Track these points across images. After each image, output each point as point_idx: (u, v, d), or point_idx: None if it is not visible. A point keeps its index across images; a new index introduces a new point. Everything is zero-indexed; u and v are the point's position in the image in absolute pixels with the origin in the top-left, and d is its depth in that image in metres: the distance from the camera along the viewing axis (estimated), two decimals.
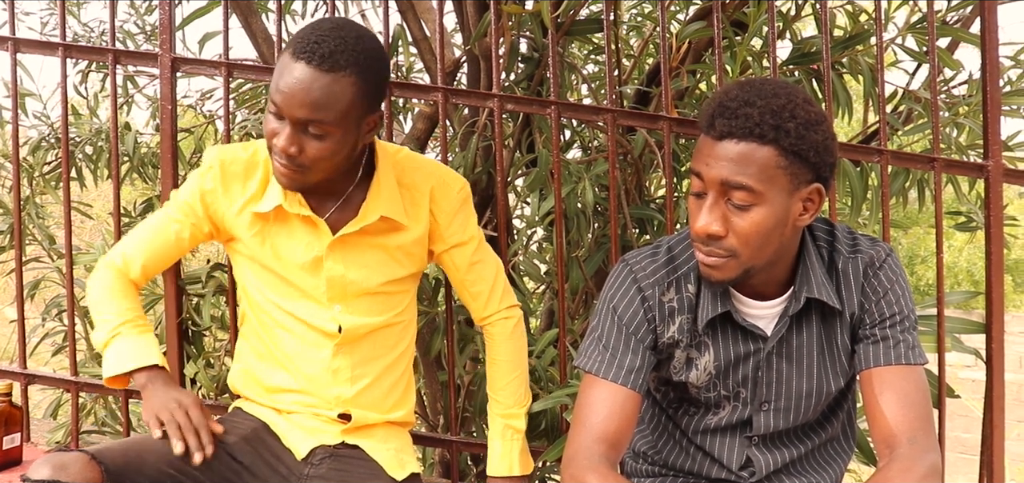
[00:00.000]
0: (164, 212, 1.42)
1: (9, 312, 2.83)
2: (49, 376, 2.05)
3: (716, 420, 1.29)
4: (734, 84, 1.12)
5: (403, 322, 1.46)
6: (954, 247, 9.13)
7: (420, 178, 1.42)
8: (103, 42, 2.77)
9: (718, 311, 1.21)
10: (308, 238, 1.35)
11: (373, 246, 1.38)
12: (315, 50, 1.20)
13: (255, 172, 1.37)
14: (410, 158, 1.43)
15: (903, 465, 1.11)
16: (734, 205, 1.10)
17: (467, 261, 1.47)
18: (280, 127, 1.24)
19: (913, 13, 2.24)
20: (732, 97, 1.09)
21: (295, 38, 1.23)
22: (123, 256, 1.41)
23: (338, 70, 1.21)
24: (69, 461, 1.13)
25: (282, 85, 1.21)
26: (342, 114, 1.23)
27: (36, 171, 2.69)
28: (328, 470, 1.36)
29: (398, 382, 1.47)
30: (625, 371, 1.22)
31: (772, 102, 1.07)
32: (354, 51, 1.22)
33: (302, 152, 1.24)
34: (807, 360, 1.24)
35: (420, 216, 1.41)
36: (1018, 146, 2.31)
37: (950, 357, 1.79)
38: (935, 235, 1.82)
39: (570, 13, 2.00)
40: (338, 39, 1.22)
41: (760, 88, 1.10)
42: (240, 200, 1.36)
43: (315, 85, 1.20)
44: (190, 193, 1.39)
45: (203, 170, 1.38)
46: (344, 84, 1.22)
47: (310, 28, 1.24)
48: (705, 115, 1.11)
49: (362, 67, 1.23)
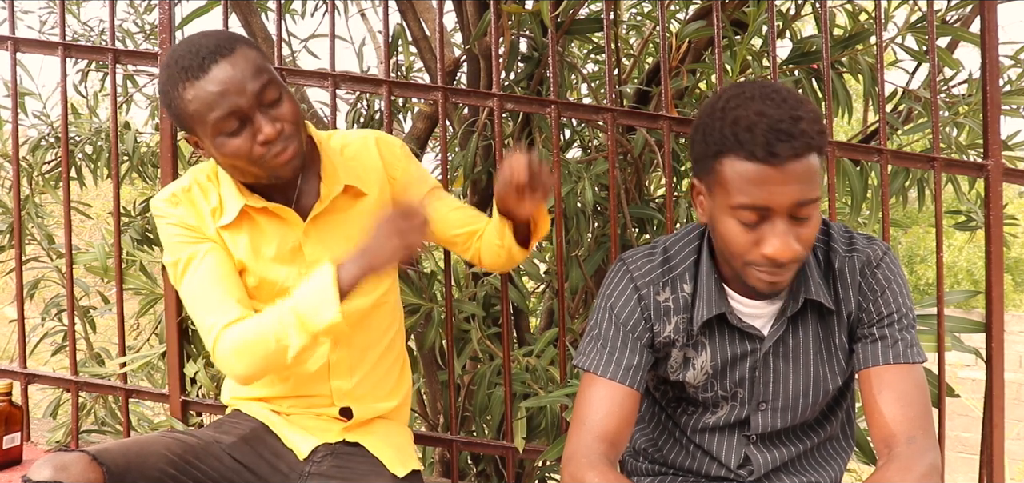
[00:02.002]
0: (194, 264, 1.32)
1: (9, 312, 2.83)
2: (49, 376, 2.05)
3: (714, 419, 1.29)
4: (756, 101, 1.06)
5: (389, 302, 1.47)
6: (954, 246, 9.13)
7: (360, 144, 1.44)
8: (103, 41, 2.77)
9: (714, 313, 1.21)
10: (281, 232, 1.35)
11: (344, 222, 1.39)
12: (209, 51, 1.22)
13: (208, 189, 1.36)
14: (343, 135, 1.46)
15: (902, 464, 1.11)
16: (798, 218, 1.09)
17: (447, 206, 1.48)
18: (251, 128, 1.23)
19: (913, 12, 2.24)
20: (777, 117, 1.04)
21: (180, 68, 1.22)
22: (227, 318, 1.28)
23: (236, 47, 1.24)
24: (70, 462, 1.12)
25: (220, 92, 1.21)
26: (270, 70, 1.26)
27: (35, 171, 2.69)
28: (329, 468, 1.36)
29: (393, 367, 1.48)
30: (623, 369, 1.22)
31: (805, 107, 1.06)
32: (229, 35, 1.26)
33: (281, 121, 1.25)
34: (804, 360, 1.24)
35: (375, 177, 1.43)
36: (1018, 145, 2.31)
37: (950, 356, 1.79)
38: (935, 234, 1.82)
39: (570, 12, 2.00)
40: (212, 37, 1.25)
41: (781, 97, 1.06)
42: (207, 215, 1.34)
43: (238, 66, 1.22)
44: (179, 235, 1.33)
45: (167, 212, 1.33)
46: (248, 51, 1.25)
47: (180, 51, 1.24)
48: (757, 145, 1.04)
49: (243, 39, 1.27)
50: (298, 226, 1.35)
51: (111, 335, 2.82)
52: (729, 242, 1.11)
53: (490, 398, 1.90)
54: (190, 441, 1.29)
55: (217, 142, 1.24)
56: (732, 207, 1.08)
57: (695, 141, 1.13)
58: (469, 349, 2.00)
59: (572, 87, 2.55)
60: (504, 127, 2.25)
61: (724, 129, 1.06)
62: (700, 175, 1.14)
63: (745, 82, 1.11)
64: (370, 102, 2.59)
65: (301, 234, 1.36)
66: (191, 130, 1.26)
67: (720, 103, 1.09)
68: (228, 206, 1.34)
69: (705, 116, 1.11)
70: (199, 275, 1.31)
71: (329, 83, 1.80)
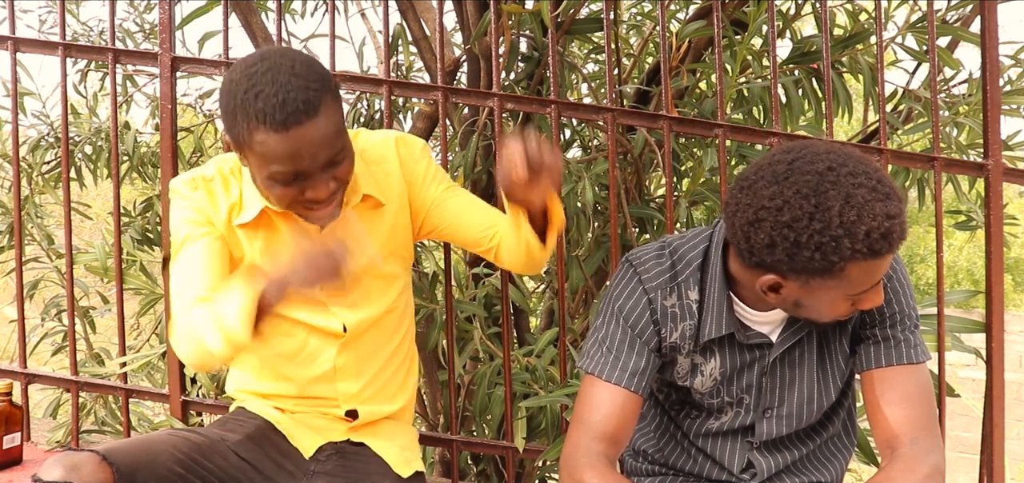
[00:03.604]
0: (190, 244, 1.31)
1: (9, 312, 2.83)
2: (49, 375, 2.05)
3: (718, 425, 1.29)
4: (875, 202, 1.01)
5: (400, 308, 1.46)
6: (954, 246, 9.14)
7: (381, 148, 1.41)
8: (103, 41, 2.77)
9: (723, 332, 1.20)
10: (297, 236, 1.34)
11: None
12: (294, 108, 1.15)
13: (230, 183, 1.34)
14: (367, 136, 1.42)
15: (905, 465, 1.10)
16: None
17: (464, 200, 1.44)
18: (305, 183, 1.20)
19: (913, 12, 2.24)
20: (898, 211, 1.03)
21: (257, 108, 1.14)
22: (197, 294, 1.25)
23: (321, 107, 1.17)
24: (81, 462, 1.12)
25: (292, 153, 1.16)
26: (345, 134, 1.23)
27: (35, 171, 2.69)
28: (334, 467, 1.36)
29: (400, 369, 1.47)
30: (629, 373, 1.21)
31: (890, 182, 1.07)
32: (318, 77, 1.19)
33: (336, 181, 1.23)
34: (809, 366, 1.24)
35: (395, 185, 1.40)
36: (1018, 145, 2.31)
37: (950, 356, 1.79)
38: (935, 234, 1.82)
39: (570, 12, 2.00)
40: (301, 85, 1.16)
41: (880, 181, 1.03)
42: (225, 209, 1.33)
43: (318, 131, 1.17)
44: (187, 216, 1.32)
45: (185, 194, 1.33)
46: (333, 112, 1.20)
47: (265, 87, 1.15)
48: (894, 245, 1.03)
49: (327, 82, 1.21)
50: (313, 233, 1.34)
51: (111, 335, 2.82)
52: (834, 314, 1.12)
53: (490, 398, 1.90)
54: (197, 439, 1.29)
55: (264, 179, 1.20)
56: (851, 295, 1.08)
57: (797, 254, 1.03)
58: (469, 349, 2.00)
59: (572, 87, 2.55)
60: (504, 127, 2.25)
61: (855, 243, 1.00)
62: (796, 276, 1.06)
63: (826, 169, 1.03)
64: (370, 102, 2.59)
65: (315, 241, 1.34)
66: (241, 150, 1.21)
67: (833, 216, 1.01)
68: (248, 205, 1.32)
69: (807, 228, 1.01)
70: (189, 253, 1.30)
71: None
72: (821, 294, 1.08)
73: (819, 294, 1.08)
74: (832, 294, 1.07)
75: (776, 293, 1.11)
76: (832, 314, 1.12)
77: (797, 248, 1.02)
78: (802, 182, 1.02)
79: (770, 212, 1.03)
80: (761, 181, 1.05)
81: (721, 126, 1.75)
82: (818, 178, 1.02)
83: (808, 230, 1.01)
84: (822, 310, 1.11)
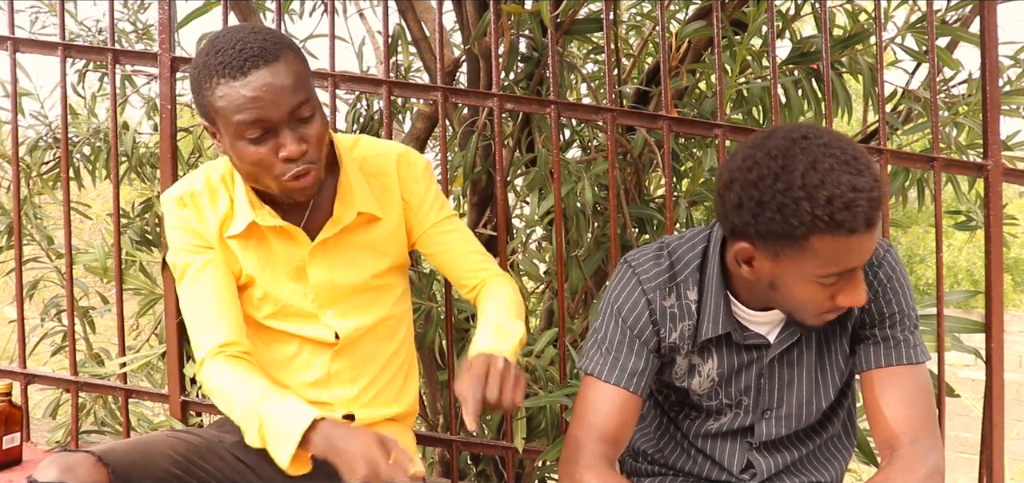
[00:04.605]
0: (192, 272, 1.31)
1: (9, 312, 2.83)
2: (49, 376, 2.05)
3: (717, 426, 1.28)
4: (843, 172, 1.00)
5: (396, 314, 1.44)
6: (954, 246, 9.13)
7: (382, 162, 1.38)
8: (102, 41, 2.77)
9: (720, 331, 1.20)
10: (288, 249, 1.33)
11: (353, 244, 1.36)
12: (252, 54, 1.16)
13: (218, 195, 1.33)
14: (369, 145, 1.40)
15: (905, 465, 1.10)
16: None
17: (458, 237, 1.43)
18: (275, 141, 1.19)
19: (913, 12, 2.24)
20: (869, 187, 1.00)
21: (217, 63, 1.17)
22: (215, 342, 1.28)
23: (281, 54, 1.18)
24: (76, 462, 1.11)
25: (253, 99, 1.16)
26: (310, 86, 1.22)
27: (33, 171, 2.69)
28: (332, 469, 1.36)
29: (398, 373, 1.46)
30: (628, 374, 1.21)
31: (869, 158, 1.04)
32: (278, 37, 1.21)
33: (307, 142, 1.21)
34: (808, 367, 1.24)
35: (393, 201, 1.38)
36: (1018, 145, 2.31)
37: (950, 357, 1.79)
38: (935, 234, 1.82)
39: (570, 12, 2.00)
40: (259, 37, 1.18)
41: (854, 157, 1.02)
42: (214, 223, 1.32)
43: (279, 76, 1.17)
44: (182, 240, 1.32)
45: (174, 213, 1.32)
46: (293, 61, 1.20)
47: (224, 44, 1.17)
48: (859, 222, 1.00)
49: (289, 43, 1.22)
50: (305, 246, 1.33)
51: (111, 335, 2.82)
52: (804, 302, 1.10)
53: None
54: (194, 440, 1.28)
55: (236, 144, 1.20)
56: (819, 276, 1.06)
57: (761, 215, 1.04)
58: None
59: (572, 87, 2.55)
60: (504, 127, 2.25)
61: (816, 210, 0.99)
62: (764, 245, 1.07)
63: (800, 142, 1.03)
64: (370, 102, 2.59)
65: (307, 255, 1.33)
66: (212, 122, 1.22)
67: (795, 178, 1.01)
68: (239, 215, 1.31)
69: (773, 190, 1.02)
70: (197, 289, 1.30)
71: (329, 83, 1.80)
72: (791, 270, 1.07)
73: (789, 270, 1.07)
74: (801, 271, 1.06)
75: (751, 267, 1.11)
76: (808, 301, 1.09)
77: (760, 208, 1.03)
78: (773, 146, 1.04)
79: (741, 172, 1.06)
80: (741, 149, 1.08)
81: (721, 126, 1.75)
82: (790, 143, 1.03)
83: (772, 190, 1.02)
84: (796, 294, 1.09)
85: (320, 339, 1.36)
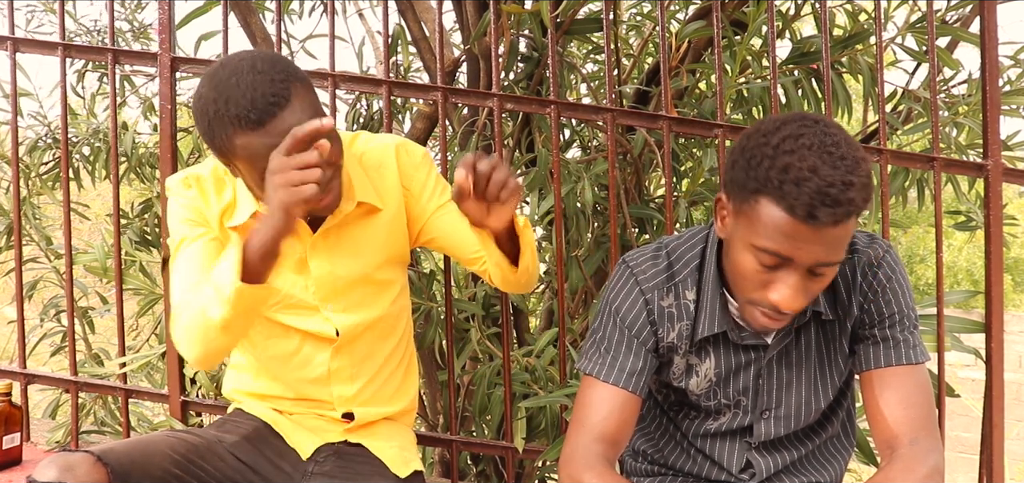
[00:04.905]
0: (187, 244, 1.30)
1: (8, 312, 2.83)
2: (49, 376, 2.05)
3: (716, 426, 1.28)
4: (812, 153, 1.00)
5: (396, 312, 1.45)
6: (954, 246, 9.14)
7: (381, 154, 1.39)
8: (102, 41, 2.77)
9: (716, 330, 1.20)
10: (289, 241, 1.33)
11: (353, 237, 1.37)
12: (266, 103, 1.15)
13: (223, 185, 1.34)
14: (367, 140, 1.41)
15: (904, 465, 1.10)
16: (815, 274, 1.06)
17: (461, 219, 1.38)
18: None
19: (913, 12, 2.24)
20: (829, 181, 0.98)
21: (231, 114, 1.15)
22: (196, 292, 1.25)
23: (292, 93, 1.17)
24: (75, 462, 1.12)
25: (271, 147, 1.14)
26: (321, 109, 1.22)
27: (33, 172, 2.69)
28: (332, 468, 1.36)
29: (397, 371, 1.47)
30: (626, 374, 1.21)
31: (859, 170, 1.01)
32: (281, 68, 1.19)
33: (328, 168, 1.21)
34: (807, 367, 1.24)
35: (392, 192, 1.39)
36: (1018, 145, 2.31)
37: (950, 356, 1.79)
38: (935, 234, 1.82)
39: (569, 12, 2.00)
40: (266, 80, 1.16)
41: (840, 154, 1.00)
42: (217, 210, 1.33)
43: (295, 116, 1.16)
44: (183, 215, 1.32)
45: (178, 192, 1.33)
46: (305, 95, 1.19)
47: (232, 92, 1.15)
48: (800, 203, 0.99)
49: (292, 71, 1.20)
50: (306, 237, 1.34)
51: (110, 335, 2.82)
52: (740, 274, 1.10)
53: (490, 398, 1.90)
54: (193, 440, 1.28)
55: (258, 181, 1.20)
56: (755, 246, 1.05)
57: (737, 162, 1.07)
58: (469, 349, 2.00)
59: (572, 87, 2.55)
60: (504, 127, 2.25)
61: (771, 171, 1.00)
62: (732, 196, 1.09)
63: (808, 120, 1.04)
64: (369, 102, 2.59)
65: (308, 246, 1.34)
66: (229, 163, 1.22)
67: (775, 138, 1.03)
68: (241, 206, 1.32)
69: (755, 143, 1.05)
70: (187, 255, 1.30)
71: (328, 83, 1.80)
72: (739, 232, 1.08)
73: (738, 232, 1.08)
74: (745, 235, 1.07)
75: (722, 224, 1.14)
76: (743, 271, 1.08)
77: (738, 155, 1.08)
78: (785, 118, 1.06)
79: (747, 134, 1.09)
80: None
81: (721, 126, 1.75)
82: (799, 120, 1.05)
83: (752, 142, 1.06)
84: (737, 261, 1.10)
85: (321, 334, 1.37)
